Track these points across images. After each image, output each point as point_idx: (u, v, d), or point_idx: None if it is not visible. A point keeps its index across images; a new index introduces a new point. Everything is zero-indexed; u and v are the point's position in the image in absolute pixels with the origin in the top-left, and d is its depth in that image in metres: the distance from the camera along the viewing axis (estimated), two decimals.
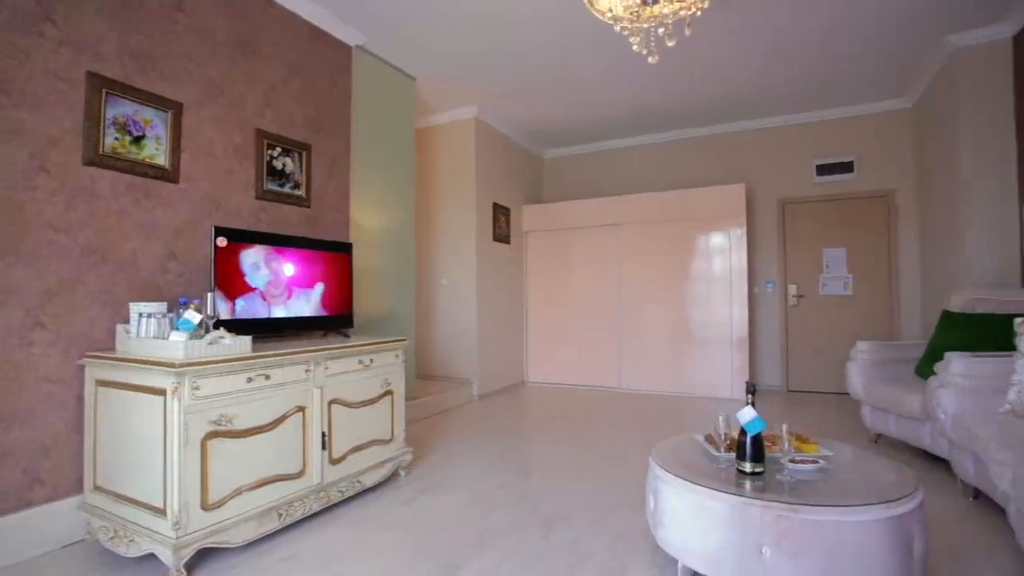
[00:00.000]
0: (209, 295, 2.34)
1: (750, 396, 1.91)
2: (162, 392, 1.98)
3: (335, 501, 2.60)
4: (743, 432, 1.86)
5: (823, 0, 3.68)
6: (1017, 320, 2.52)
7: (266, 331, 2.80)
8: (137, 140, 2.59)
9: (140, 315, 2.22)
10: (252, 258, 2.73)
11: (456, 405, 5.20)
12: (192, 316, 2.17)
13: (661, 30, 2.17)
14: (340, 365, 2.70)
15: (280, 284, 2.88)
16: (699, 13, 2.16)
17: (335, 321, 3.23)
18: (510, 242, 6.31)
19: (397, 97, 4.64)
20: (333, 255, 3.23)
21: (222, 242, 2.57)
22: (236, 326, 2.56)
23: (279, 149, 3.39)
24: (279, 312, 2.86)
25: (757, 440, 1.85)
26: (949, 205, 4.37)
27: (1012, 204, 3.88)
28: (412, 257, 4.79)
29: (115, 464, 2.16)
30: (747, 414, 1.85)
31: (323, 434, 2.55)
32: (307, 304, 3.04)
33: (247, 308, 2.69)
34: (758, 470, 1.85)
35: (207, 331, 2.22)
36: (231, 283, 2.62)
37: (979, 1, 3.67)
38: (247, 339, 2.25)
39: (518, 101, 5.50)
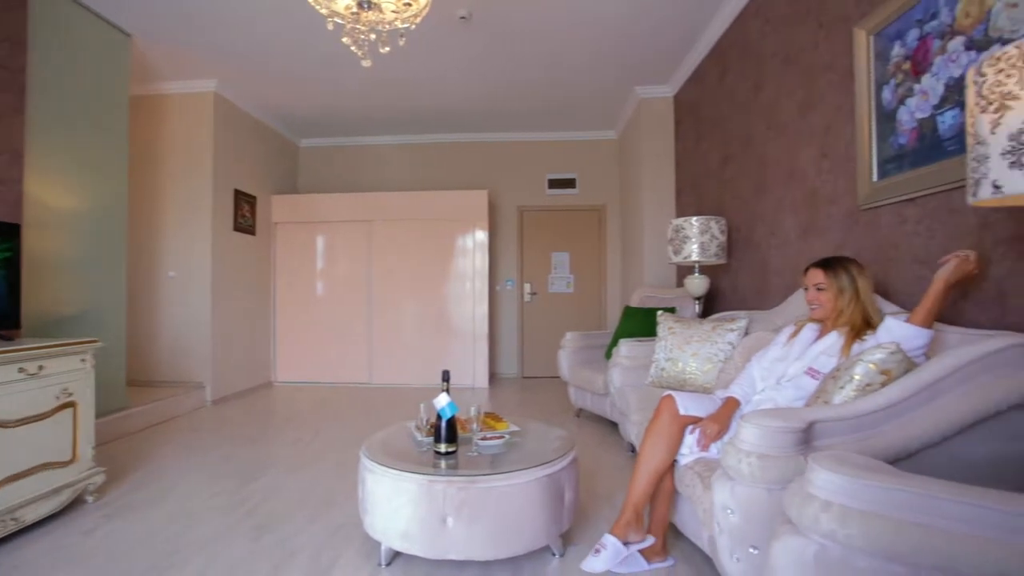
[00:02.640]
0: None
1: (445, 384, 2.14)
2: None
3: None
4: (439, 417, 2.08)
5: (544, 45, 4.30)
6: (659, 312, 3.31)
7: None
8: None
9: None
10: None
11: (184, 412, 4.63)
12: None
13: (373, 36, 2.27)
14: None
15: None
16: (413, 27, 2.33)
17: None
18: (255, 233, 5.84)
19: (104, 53, 3.91)
20: None
21: None
22: None
23: None
24: None
25: (451, 423, 2.08)
26: (636, 219, 5.48)
27: (671, 219, 5.03)
28: (123, 245, 4.09)
29: None
30: (442, 400, 2.07)
31: None
32: None
33: None
34: (451, 450, 2.09)
35: None
36: None
37: (652, 66, 4.70)
38: None
39: (268, 82, 5.12)
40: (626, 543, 1.88)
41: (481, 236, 5.98)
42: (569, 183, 6.51)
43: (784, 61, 3.13)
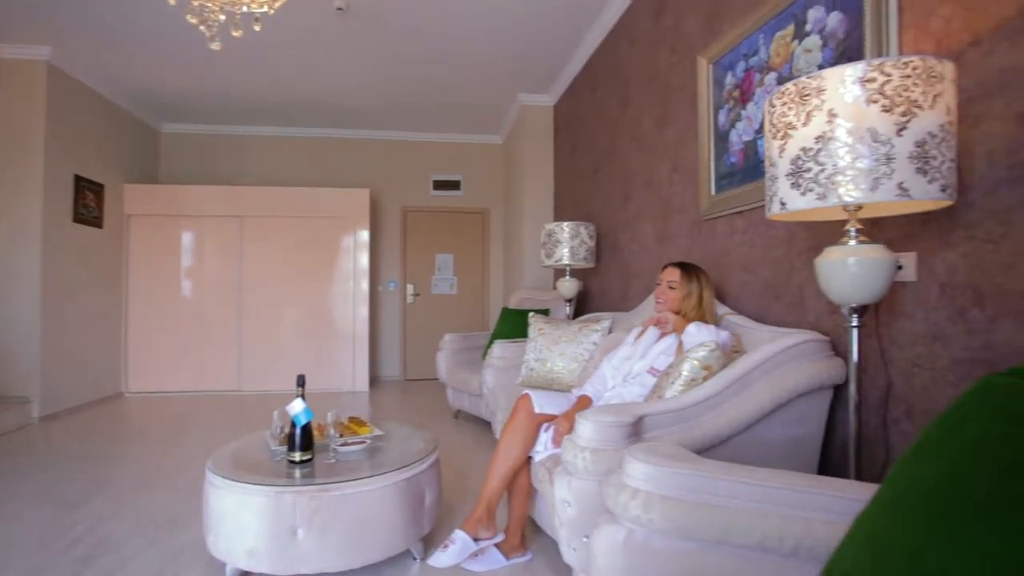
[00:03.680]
0: None
1: (300, 389, 2.04)
2: None
3: None
4: (293, 424, 1.98)
5: (426, 45, 4.27)
6: (530, 314, 3.42)
7: None
8: None
9: None
10: None
11: (2, 433, 4.00)
12: None
13: (223, 17, 2.12)
14: None
15: None
16: (271, 12, 2.20)
17: None
18: (103, 226, 5.21)
19: None
20: None
21: None
22: None
23: None
24: None
25: (305, 430, 1.99)
26: (517, 223, 5.62)
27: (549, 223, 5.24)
28: None
29: None
30: (296, 406, 1.97)
31: None
32: None
33: None
34: (306, 458, 2.00)
35: None
36: None
37: (534, 75, 4.86)
38: None
39: (119, 56, 4.57)
40: (476, 539, 1.92)
41: (362, 236, 5.81)
42: (454, 185, 6.53)
43: (645, 80, 3.38)
